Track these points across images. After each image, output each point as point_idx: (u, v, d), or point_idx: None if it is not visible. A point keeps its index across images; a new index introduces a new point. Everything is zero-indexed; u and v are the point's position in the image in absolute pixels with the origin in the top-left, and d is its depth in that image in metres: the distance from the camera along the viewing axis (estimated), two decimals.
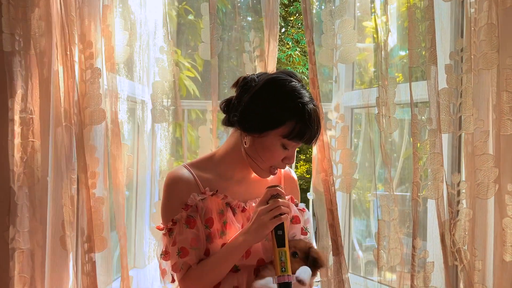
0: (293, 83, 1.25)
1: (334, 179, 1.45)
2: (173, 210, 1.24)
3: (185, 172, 1.28)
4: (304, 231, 1.34)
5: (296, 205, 1.36)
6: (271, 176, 1.32)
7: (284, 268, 1.11)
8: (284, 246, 1.14)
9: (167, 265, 1.26)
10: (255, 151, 1.25)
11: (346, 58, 1.48)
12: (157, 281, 1.67)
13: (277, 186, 1.24)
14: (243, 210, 1.28)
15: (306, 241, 1.28)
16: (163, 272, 1.29)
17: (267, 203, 1.20)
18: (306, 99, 1.23)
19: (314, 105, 1.24)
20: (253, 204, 1.28)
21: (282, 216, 1.17)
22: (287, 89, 1.23)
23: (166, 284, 1.52)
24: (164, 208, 1.27)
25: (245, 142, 1.26)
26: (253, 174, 1.31)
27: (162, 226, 1.27)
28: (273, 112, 1.21)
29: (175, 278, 1.26)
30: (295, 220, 1.32)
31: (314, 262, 1.22)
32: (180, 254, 1.21)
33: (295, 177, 1.42)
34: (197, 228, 1.23)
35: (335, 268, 1.32)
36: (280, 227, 1.16)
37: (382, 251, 1.39)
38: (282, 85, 1.24)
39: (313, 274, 1.22)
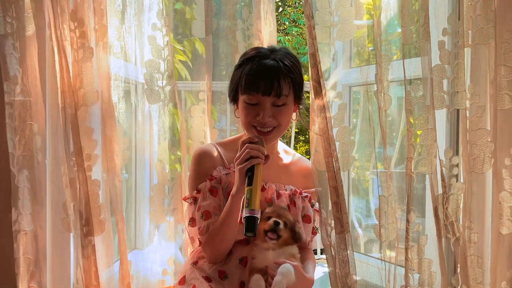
0: (257, 47, 1.37)
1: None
2: (198, 180, 1.36)
3: (212, 149, 1.40)
4: (314, 231, 1.43)
5: (312, 205, 1.43)
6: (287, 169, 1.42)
7: (248, 204, 1.17)
8: (251, 185, 1.20)
9: (195, 232, 1.37)
10: (240, 118, 1.35)
11: (344, 35, 1.46)
12: (156, 264, 1.69)
13: (255, 136, 1.29)
14: (262, 189, 1.34)
15: (292, 216, 1.36)
16: (191, 240, 1.43)
17: None
18: (260, 53, 1.30)
19: (274, 59, 1.28)
20: (273, 186, 1.37)
21: (252, 160, 1.23)
22: (248, 50, 1.37)
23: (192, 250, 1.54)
24: (190, 179, 1.39)
25: (236, 114, 1.38)
26: (275, 159, 1.40)
27: (188, 196, 1.38)
28: (235, 74, 1.34)
29: (201, 241, 1.35)
30: (306, 218, 1.39)
31: (297, 236, 1.33)
32: (203, 217, 1.32)
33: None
34: (219, 198, 1.34)
35: (339, 246, 1.33)
36: (250, 169, 1.23)
37: (383, 227, 1.40)
38: (247, 50, 1.38)
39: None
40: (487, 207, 1.39)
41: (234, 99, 1.36)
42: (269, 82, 1.26)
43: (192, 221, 1.36)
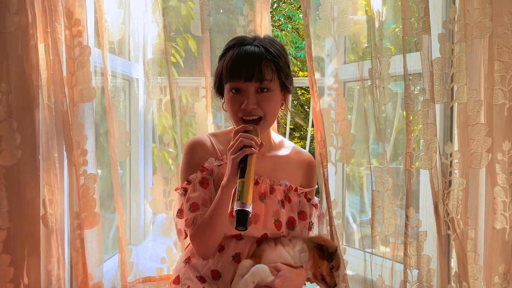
0: (241, 35, 1.36)
1: (335, 150, 1.47)
2: (189, 171, 1.33)
3: (205, 139, 1.37)
4: (310, 226, 1.39)
5: (309, 200, 1.39)
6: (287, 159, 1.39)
7: (239, 197, 1.12)
8: (244, 177, 1.15)
9: (182, 224, 1.33)
10: (228, 112, 1.32)
11: (342, 30, 1.47)
12: (155, 252, 1.68)
13: (249, 125, 1.25)
14: (256, 183, 1.31)
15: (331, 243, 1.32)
16: (179, 232, 1.38)
17: None
18: (243, 40, 1.28)
19: (256, 45, 1.25)
20: (267, 180, 1.33)
21: (245, 149, 1.18)
22: (232, 38, 1.34)
23: (180, 242, 1.56)
24: (182, 169, 1.37)
25: (224, 108, 1.35)
26: (270, 151, 1.36)
27: (178, 186, 1.36)
28: (218, 64, 1.31)
29: (188, 234, 1.31)
30: (301, 215, 1.36)
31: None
32: (191, 209, 1.28)
33: (314, 162, 1.43)
34: (209, 190, 1.30)
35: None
36: (243, 160, 1.18)
37: (376, 221, 1.40)
38: (230, 40, 1.34)
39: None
40: (480, 202, 1.38)
41: (219, 90, 1.33)
42: (250, 67, 1.22)
43: (180, 212, 1.33)
